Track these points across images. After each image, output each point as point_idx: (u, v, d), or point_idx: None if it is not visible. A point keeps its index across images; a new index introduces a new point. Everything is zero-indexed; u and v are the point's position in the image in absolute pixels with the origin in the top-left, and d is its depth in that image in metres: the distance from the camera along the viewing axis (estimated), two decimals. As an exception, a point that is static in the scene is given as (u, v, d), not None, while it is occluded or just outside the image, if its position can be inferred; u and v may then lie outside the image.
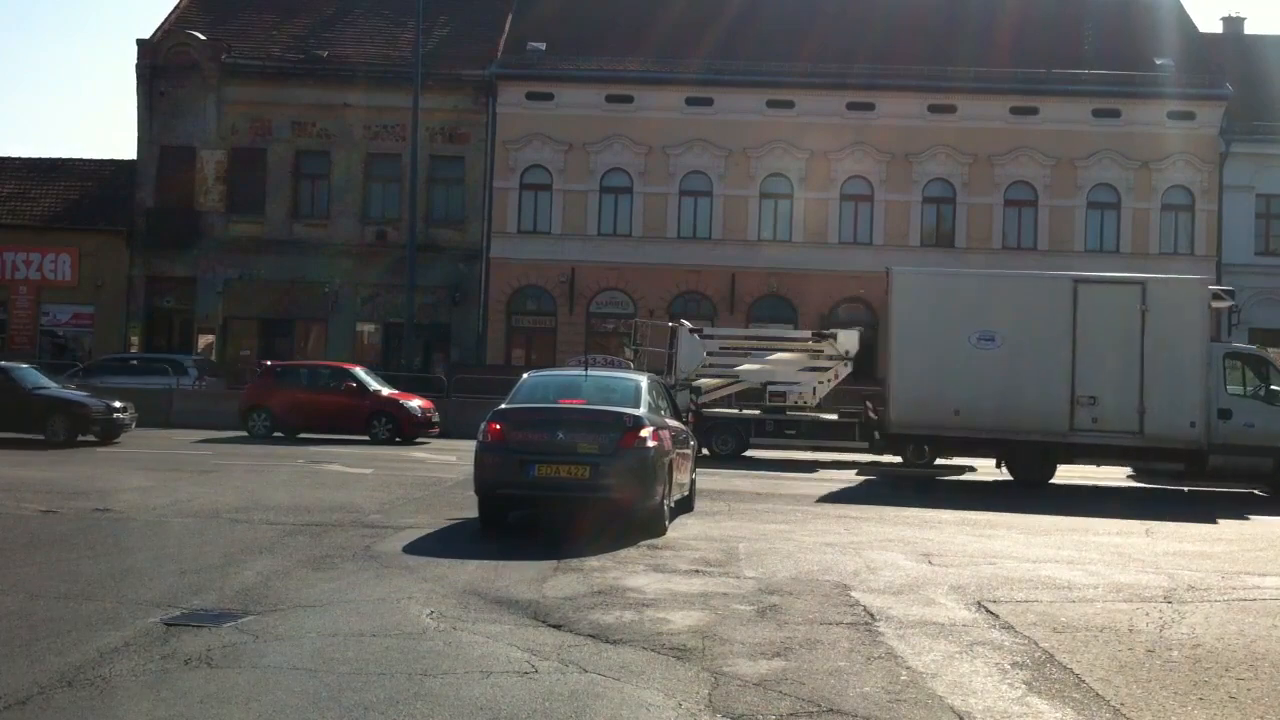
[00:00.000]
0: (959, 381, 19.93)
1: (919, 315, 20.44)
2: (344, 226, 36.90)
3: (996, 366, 19.78)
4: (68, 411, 22.60)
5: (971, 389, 19.84)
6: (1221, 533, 14.09)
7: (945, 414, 19.98)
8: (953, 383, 19.96)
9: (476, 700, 5.95)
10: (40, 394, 23.02)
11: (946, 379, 20.05)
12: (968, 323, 20.01)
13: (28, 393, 22.85)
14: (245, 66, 37.26)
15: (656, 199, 36.87)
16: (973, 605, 8.71)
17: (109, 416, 22.67)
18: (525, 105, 37.00)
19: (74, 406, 22.77)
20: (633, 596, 8.65)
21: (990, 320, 19.97)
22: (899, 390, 20.53)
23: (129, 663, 6.51)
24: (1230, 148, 36.15)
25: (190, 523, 12.02)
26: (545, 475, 11.50)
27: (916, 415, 20.43)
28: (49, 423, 22.35)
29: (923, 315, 20.42)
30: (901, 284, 20.94)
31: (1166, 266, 36.32)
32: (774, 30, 37.67)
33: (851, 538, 12.27)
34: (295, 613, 7.86)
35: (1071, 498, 18.47)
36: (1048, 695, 6.37)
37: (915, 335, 20.39)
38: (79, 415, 22.55)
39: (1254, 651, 7.49)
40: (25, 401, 22.61)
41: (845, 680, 6.53)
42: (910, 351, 20.43)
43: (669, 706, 5.97)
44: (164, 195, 37.18)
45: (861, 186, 36.86)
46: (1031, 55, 36.71)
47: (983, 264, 36.12)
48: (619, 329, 34.62)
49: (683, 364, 24.54)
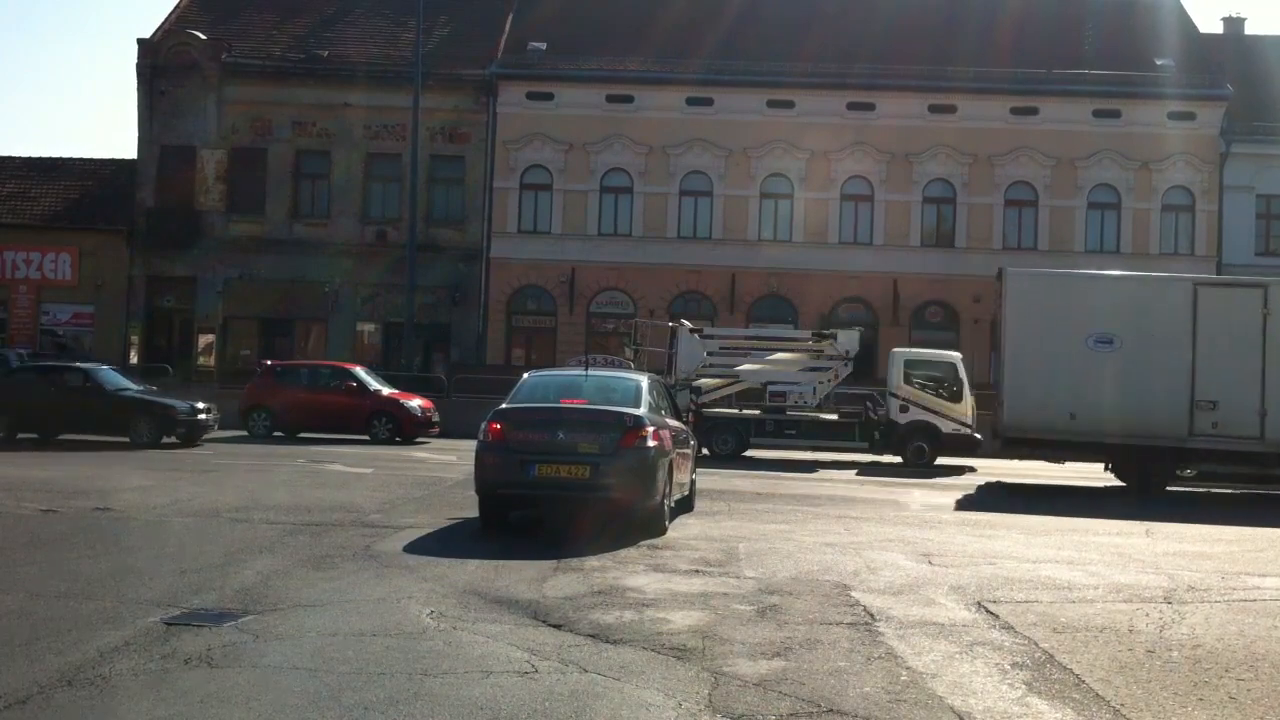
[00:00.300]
0: (1074, 385, 19.47)
1: (1032, 317, 19.98)
2: (344, 226, 36.91)
3: (1113, 369, 19.34)
4: (153, 413, 22.26)
5: (1088, 392, 19.38)
6: (1221, 533, 14.08)
7: (1060, 417, 19.57)
8: (1068, 386, 19.51)
9: (476, 700, 5.95)
10: (124, 396, 22.67)
11: (1061, 382, 19.60)
12: (1083, 325, 19.56)
13: (111, 394, 22.54)
14: (246, 66, 37.26)
15: (657, 199, 36.87)
16: (973, 605, 8.71)
17: (193, 418, 22.38)
18: (525, 105, 37.01)
19: (160, 408, 22.41)
20: (633, 596, 8.65)
21: (1107, 322, 19.54)
22: (1012, 393, 20.04)
23: (129, 662, 6.51)
24: (1230, 148, 36.16)
25: (190, 522, 12.03)
26: (545, 475, 11.49)
27: (1030, 418, 19.95)
28: (133, 425, 21.97)
29: (1036, 317, 19.97)
30: (1015, 285, 20.38)
31: (1167, 267, 36.32)
32: (774, 30, 37.68)
33: (851, 538, 12.27)
34: (295, 612, 7.86)
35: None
36: (1048, 695, 6.36)
37: (1028, 337, 19.93)
38: (165, 417, 22.22)
39: (1254, 652, 7.49)
40: (108, 404, 22.30)
41: (845, 680, 6.53)
42: (1023, 354, 19.95)
43: (669, 706, 5.97)
44: (164, 195, 37.17)
45: (862, 186, 36.86)
46: (1032, 55, 36.72)
47: (982, 264, 36.19)
48: (619, 329, 34.65)
49: (683, 364, 24.57)
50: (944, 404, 23.91)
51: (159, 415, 22.24)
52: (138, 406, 22.44)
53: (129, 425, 22.08)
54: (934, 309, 36.71)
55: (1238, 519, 15.98)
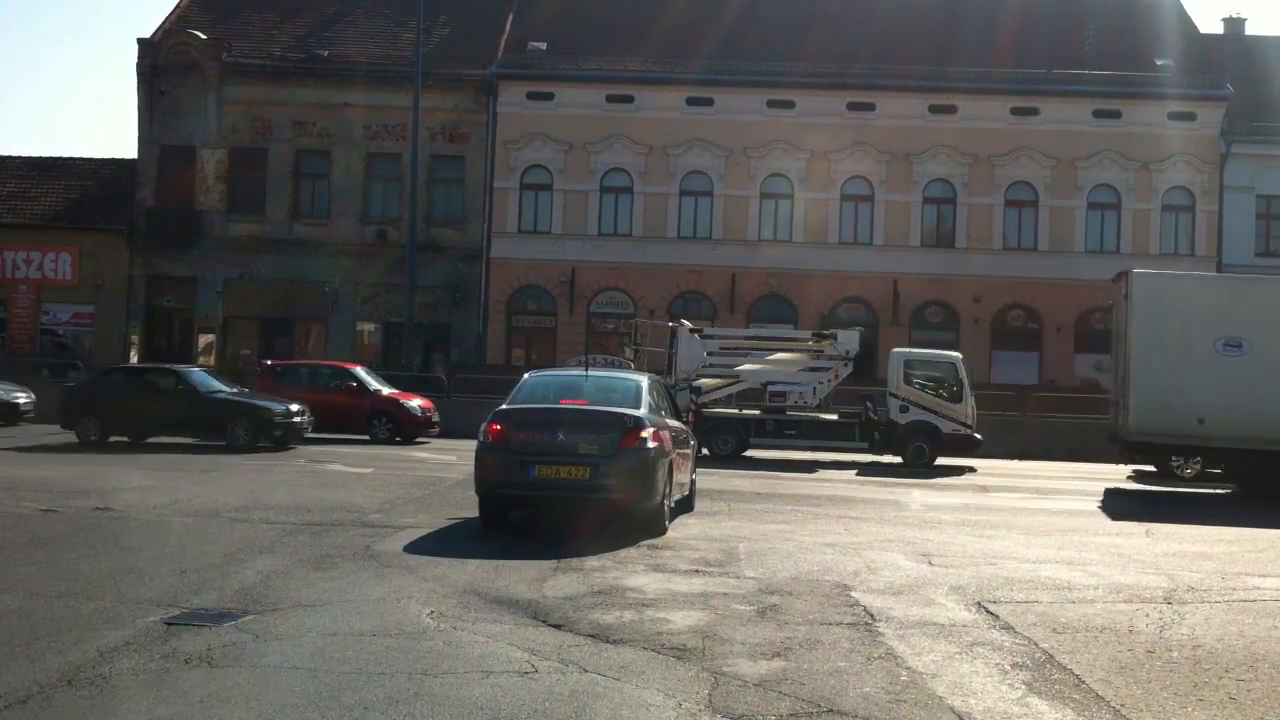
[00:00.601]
0: (1202, 389, 19.02)
1: (1159, 320, 19.60)
2: (344, 226, 36.91)
3: (1243, 374, 19.01)
4: (251, 415, 21.98)
5: (1216, 397, 19.05)
6: (1221, 533, 14.08)
7: (1188, 422, 19.21)
8: (1195, 390, 19.10)
9: (476, 700, 5.95)
10: (218, 397, 22.40)
11: (1188, 386, 19.18)
12: (1212, 329, 19.21)
13: (205, 397, 22.27)
14: (246, 66, 37.25)
15: (657, 199, 36.87)
16: (973, 606, 8.71)
17: (289, 420, 22.13)
18: (525, 105, 37.01)
19: (257, 410, 22.13)
20: (633, 596, 8.65)
21: (1236, 326, 19.19)
22: (1139, 397, 19.61)
23: (129, 662, 6.51)
24: (1231, 148, 36.16)
25: (190, 522, 12.02)
26: (546, 476, 11.49)
27: (1156, 423, 19.58)
28: (230, 427, 21.70)
29: (1162, 320, 19.59)
30: (1141, 288, 20.00)
31: (1167, 267, 36.34)
32: (774, 30, 37.68)
33: (851, 538, 12.27)
34: (295, 612, 7.86)
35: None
36: (1048, 696, 6.37)
37: (1155, 341, 19.51)
38: (262, 419, 21.92)
39: (1254, 652, 7.49)
40: (203, 406, 22.02)
41: (845, 680, 6.53)
42: (1150, 358, 19.54)
43: (669, 706, 5.97)
44: (164, 195, 37.17)
45: (862, 187, 36.86)
46: (1032, 56, 36.72)
47: (982, 264, 36.28)
48: (619, 329, 34.64)
49: (683, 364, 24.56)
50: (944, 404, 23.89)
51: (256, 417, 21.91)
52: (234, 409, 22.08)
53: (225, 428, 21.72)
54: (934, 309, 36.71)
55: (1238, 519, 15.98)
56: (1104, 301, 35.98)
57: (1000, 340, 36.29)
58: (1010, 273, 36.08)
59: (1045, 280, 35.87)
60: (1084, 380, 35.36)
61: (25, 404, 27.33)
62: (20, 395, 27.43)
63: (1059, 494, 19.25)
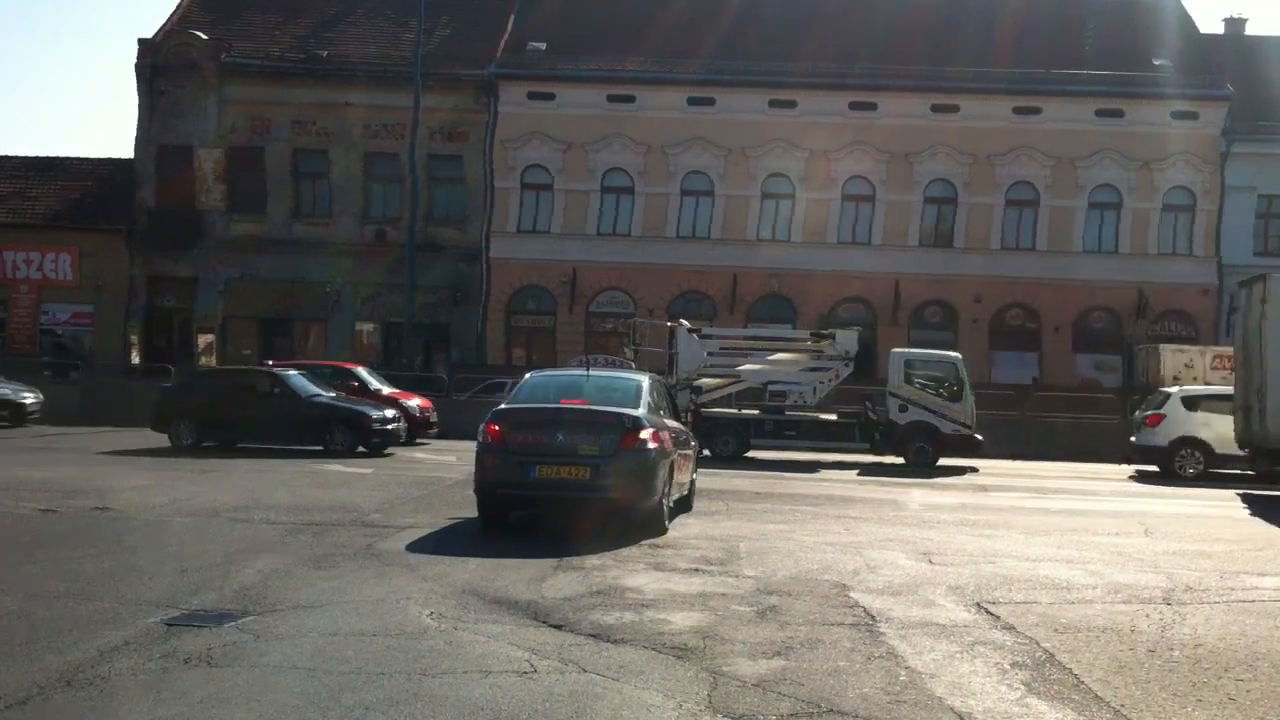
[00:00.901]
0: None
1: None
2: (344, 226, 36.91)
3: None
4: (351, 422, 21.60)
5: None
6: (1221, 533, 14.07)
7: None
8: None
9: (476, 700, 5.95)
10: (318, 402, 21.94)
11: None
12: None
13: (305, 401, 21.76)
14: (245, 66, 37.25)
15: (657, 199, 36.86)
16: (973, 605, 8.71)
17: (386, 427, 21.79)
18: (526, 105, 36.99)
19: (356, 417, 21.72)
20: (633, 596, 8.65)
21: None
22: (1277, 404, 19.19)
23: (129, 662, 6.51)
24: (1231, 148, 36.13)
25: (190, 522, 12.02)
26: (546, 476, 11.48)
27: None
28: (330, 434, 21.34)
29: None
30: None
31: (1167, 267, 36.36)
32: (775, 30, 37.66)
33: (851, 537, 12.27)
34: (295, 612, 7.85)
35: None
36: (1048, 696, 6.36)
37: None
38: (362, 426, 21.51)
39: (1254, 652, 7.49)
40: (303, 410, 21.57)
41: (845, 680, 6.53)
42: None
43: (669, 706, 5.97)
44: (164, 195, 37.18)
45: (862, 186, 36.84)
46: (1033, 55, 36.69)
47: (982, 264, 36.24)
48: (619, 329, 34.61)
49: (683, 364, 24.56)
50: (944, 404, 23.89)
51: (358, 425, 21.57)
52: (334, 414, 21.74)
53: (324, 434, 21.40)
54: (934, 309, 36.68)
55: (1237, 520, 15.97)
56: (1103, 301, 36.15)
57: (999, 340, 36.27)
58: (1010, 272, 36.07)
59: (1045, 280, 35.85)
60: (1084, 380, 35.40)
61: (32, 404, 27.34)
62: (28, 395, 27.46)
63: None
